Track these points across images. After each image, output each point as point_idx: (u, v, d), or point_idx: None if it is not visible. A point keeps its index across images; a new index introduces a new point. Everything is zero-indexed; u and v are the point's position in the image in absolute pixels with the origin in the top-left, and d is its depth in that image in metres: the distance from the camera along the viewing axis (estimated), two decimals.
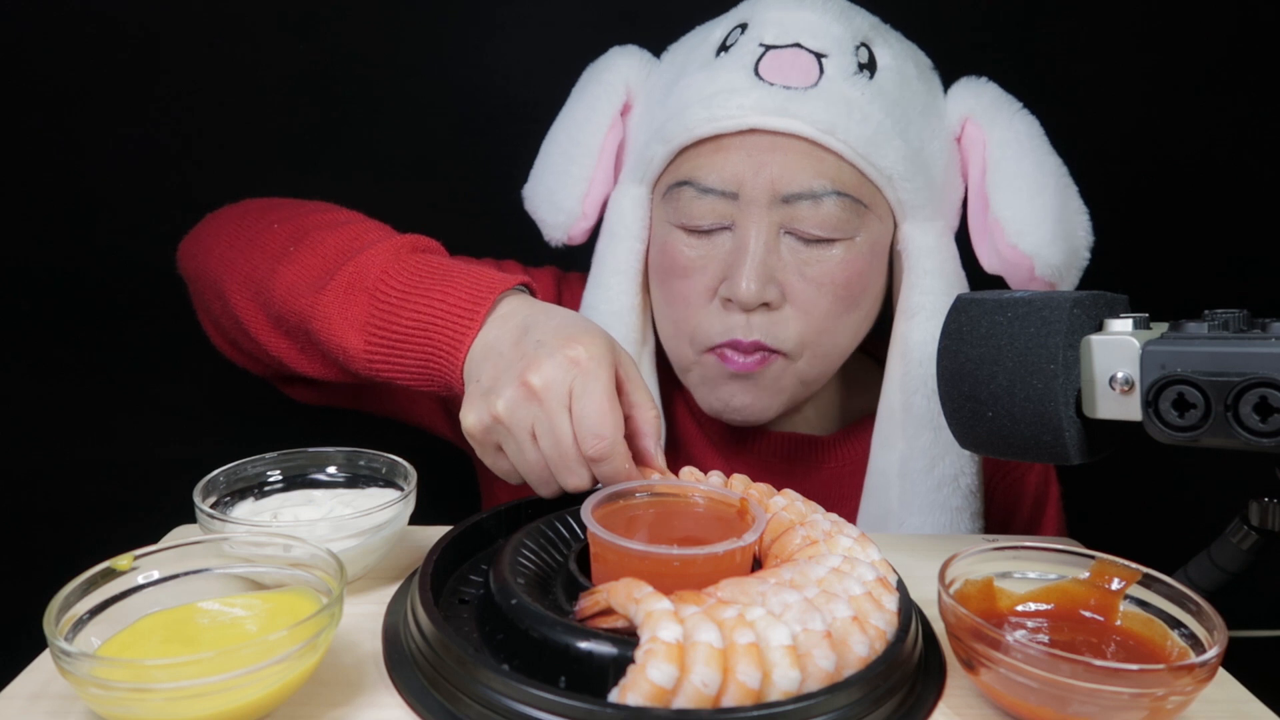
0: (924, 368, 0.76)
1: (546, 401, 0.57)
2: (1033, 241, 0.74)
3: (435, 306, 0.64)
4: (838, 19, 0.77)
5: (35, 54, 1.10)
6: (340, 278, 0.68)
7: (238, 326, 0.75)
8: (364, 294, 0.67)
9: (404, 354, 0.65)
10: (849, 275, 0.75)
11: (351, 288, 0.67)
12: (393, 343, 0.65)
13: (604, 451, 0.56)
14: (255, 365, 0.80)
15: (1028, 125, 0.78)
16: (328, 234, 0.72)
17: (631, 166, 0.81)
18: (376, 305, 0.66)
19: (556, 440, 0.57)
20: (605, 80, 0.83)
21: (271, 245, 0.73)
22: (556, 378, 0.57)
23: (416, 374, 0.66)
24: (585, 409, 0.56)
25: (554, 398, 0.57)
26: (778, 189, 0.73)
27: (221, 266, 0.75)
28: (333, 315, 0.67)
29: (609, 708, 0.41)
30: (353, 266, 0.68)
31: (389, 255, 0.68)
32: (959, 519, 0.78)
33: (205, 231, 0.80)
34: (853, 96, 0.74)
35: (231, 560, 0.52)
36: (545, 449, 0.57)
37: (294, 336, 0.72)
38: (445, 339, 0.64)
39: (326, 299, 0.68)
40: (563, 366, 0.57)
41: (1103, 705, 0.43)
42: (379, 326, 0.66)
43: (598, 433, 0.56)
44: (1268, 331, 0.54)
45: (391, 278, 0.67)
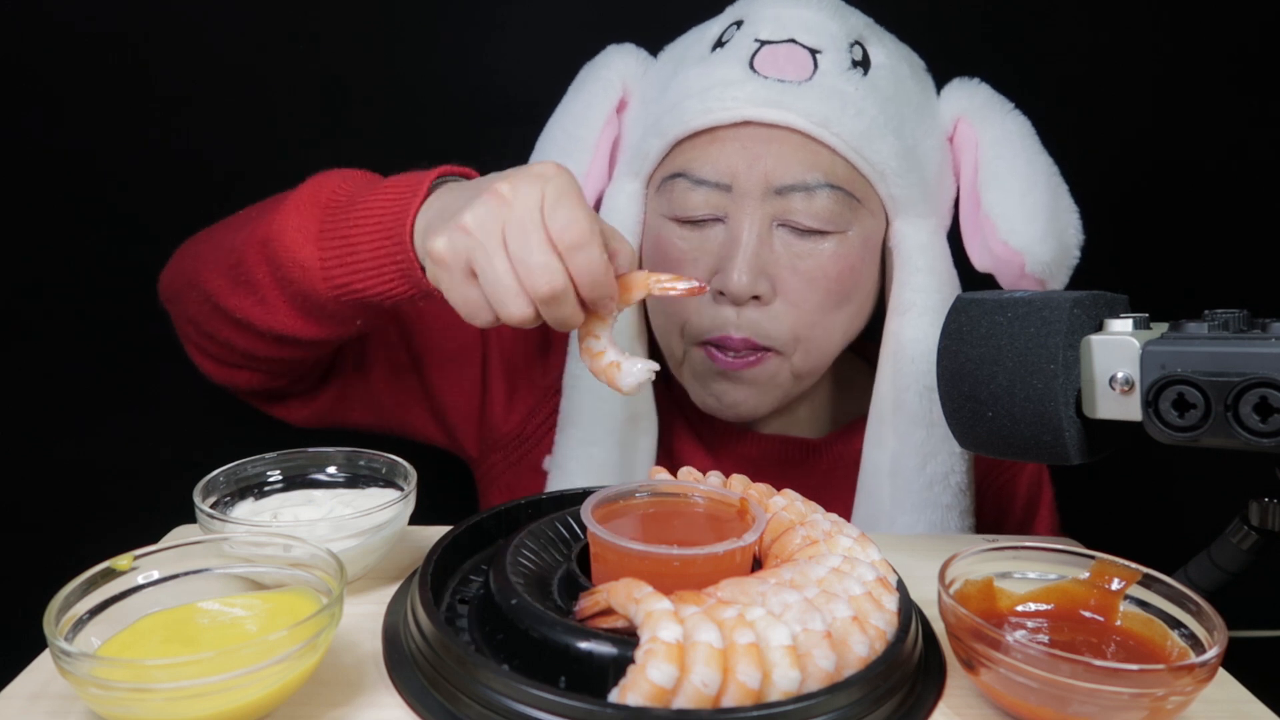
0: (916, 365, 0.76)
1: (516, 202, 0.55)
2: (1023, 238, 0.74)
3: (380, 197, 0.64)
4: (833, 16, 0.78)
5: (34, 55, 1.10)
6: (292, 199, 0.69)
7: (209, 306, 0.74)
8: (316, 207, 0.67)
9: (356, 250, 0.64)
10: (841, 270, 0.75)
11: (304, 204, 0.68)
12: (344, 240, 0.65)
13: (582, 236, 0.54)
14: (243, 375, 0.79)
15: (1019, 125, 0.79)
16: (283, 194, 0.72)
17: (627, 161, 0.82)
18: (328, 213, 0.66)
19: (528, 236, 0.54)
20: (602, 77, 0.84)
21: (236, 220, 0.75)
22: (528, 182, 0.55)
23: (372, 271, 0.64)
24: (558, 203, 0.54)
25: (525, 198, 0.55)
26: (771, 181, 0.73)
27: (193, 260, 0.76)
28: (287, 229, 0.67)
29: (609, 708, 0.41)
30: (306, 188, 0.69)
31: (339, 176, 0.69)
32: (949, 516, 0.78)
33: (181, 250, 0.81)
34: (847, 91, 0.74)
35: (231, 560, 0.52)
36: (515, 250, 0.54)
37: (253, 283, 0.70)
38: (391, 216, 0.63)
39: (280, 217, 0.68)
40: (534, 175, 0.56)
41: (1103, 705, 0.43)
42: (331, 231, 0.66)
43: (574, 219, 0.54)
44: (1268, 331, 0.54)
45: (342, 190, 0.67)
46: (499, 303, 0.55)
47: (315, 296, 0.67)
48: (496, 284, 0.55)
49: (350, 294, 0.66)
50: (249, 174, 1.11)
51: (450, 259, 0.56)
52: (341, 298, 0.66)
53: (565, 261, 0.54)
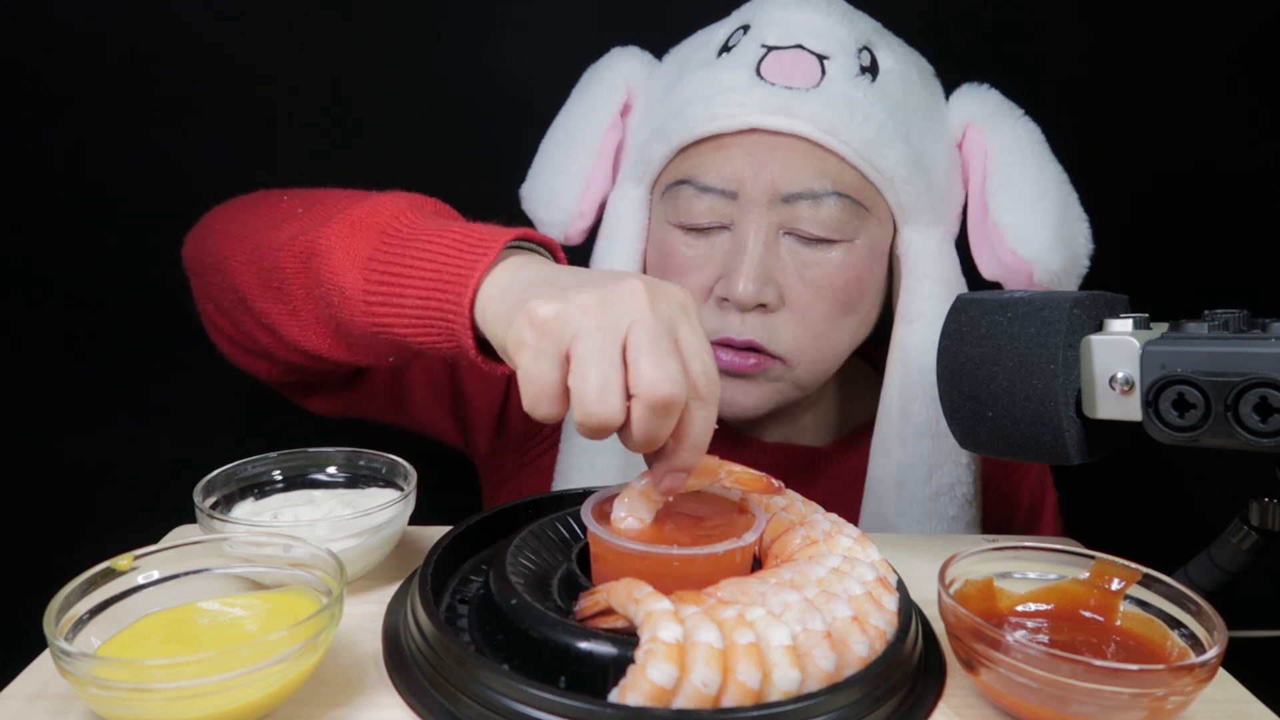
0: (923, 374, 0.76)
1: (656, 310, 0.47)
2: (1033, 247, 0.74)
3: (446, 238, 0.57)
4: (841, 21, 0.77)
5: (34, 56, 1.10)
6: (350, 214, 0.62)
7: (235, 297, 0.69)
8: (372, 231, 0.60)
9: (406, 290, 0.57)
10: (848, 278, 0.75)
11: (360, 224, 0.61)
12: (395, 278, 0.58)
13: (716, 391, 0.48)
14: (263, 365, 0.75)
15: (1029, 132, 0.78)
16: (342, 196, 0.66)
17: (631, 166, 0.81)
18: (384, 240, 0.59)
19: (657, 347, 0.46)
20: (606, 80, 0.83)
21: (278, 212, 0.68)
22: (674, 296, 0.49)
23: (417, 319, 0.57)
24: (697, 345, 0.48)
25: (666, 311, 0.48)
26: (778, 188, 0.73)
27: (223, 240, 0.71)
28: (335, 249, 0.61)
29: (609, 708, 0.41)
30: (366, 206, 0.62)
31: (406, 203, 0.63)
32: (955, 528, 0.78)
33: (212, 216, 0.76)
34: (855, 98, 0.73)
35: (231, 560, 0.52)
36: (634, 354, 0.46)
37: (287, 293, 0.65)
38: (454, 267, 0.55)
39: (331, 230, 0.61)
40: (678, 296, 0.50)
41: (1103, 705, 0.43)
42: (382, 262, 0.59)
43: (712, 373, 0.48)
44: (1268, 331, 0.54)
45: (404, 218, 0.61)
46: (587, 394, 0.46)
47: (351, 326, 0.61)
48: (594, 374, 0.46)
49: (389, 334, 0.59)
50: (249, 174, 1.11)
51: (555, 329, 0.47)
52: (380, 335, 0.60)
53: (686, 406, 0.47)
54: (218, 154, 1.13)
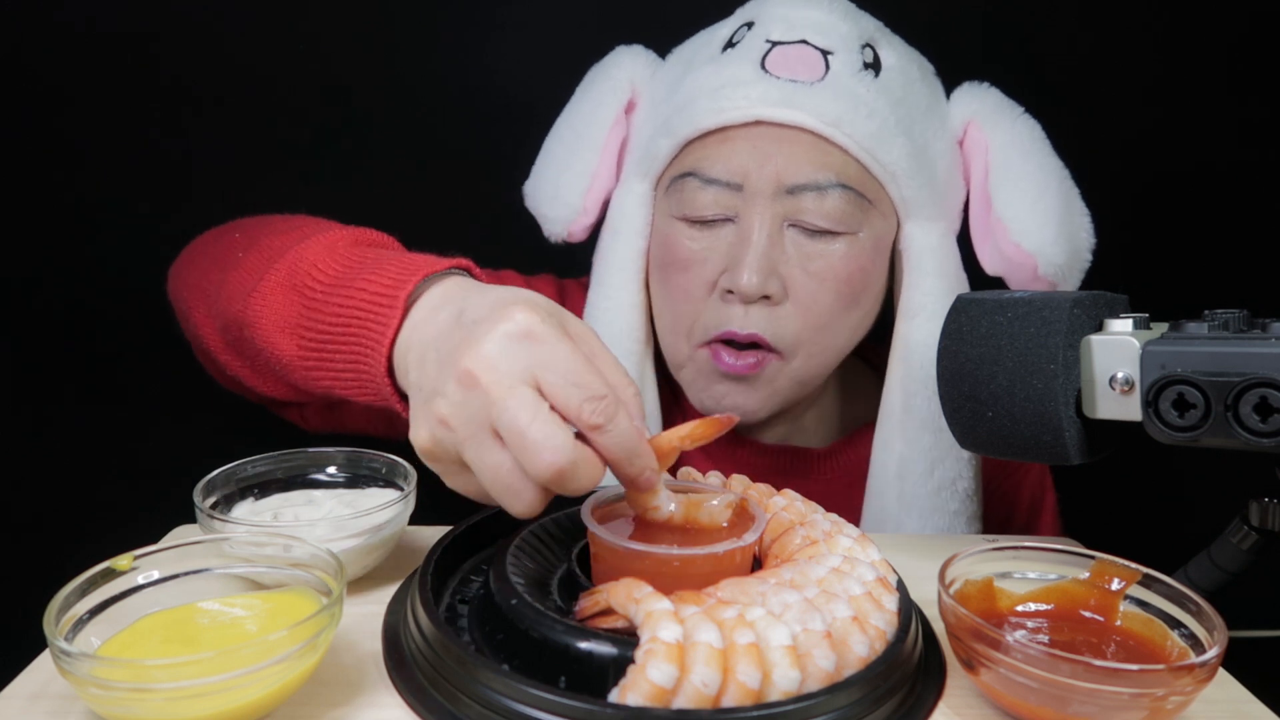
0: (925, 369, 0.76)
1: (497, 384, 0.45)
2: (1036, 241, 0.74)
3: (356, 298, 0.56)
4: (844, 18, 0.78)
5: (34, 58, 1.10)
6: (272, 276, 0.62)
7: (201, 348, 0.71)
8: (294, 292, 0.60)
9: (333, 356, 0.58)
10: (851, 271, 0.75)
11: (282, 286, 0.61)
12: (321, 343, 0.58)
13: (606, 411, 0.46)
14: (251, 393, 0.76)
15: (1030, 129, 0.79)
16: (275, 236, 0.66)
17: (635, 162, 0.81)
18: (305, 304, 0.59)
19: (515, 425, 0.44)
20: (611, 77, 0.84)
21: (226, 257, 0.69)
22: (503, 353, 0.46)
23: (350, 380, 0.58)
24: (559, 376, 0.46)
25: (506, 376, 0.45)
26: (782, 180, 0.73)
27: (188, 291, 0.72)
28: (264, 318, 0.61)
29: (609, 708, 0.41)
30: (285, 263, 0.62)
31: (323, 249, 0.62)
32: (956, 523, 0.78)
33: (183, 258, 0.77)
34: (859, 92, 0.74)
35: (231, 560, 0.52)
36: (511, 439, 0.45)
37: (242, 351, 0.66)
38: (366, 332, 0.55)
39: (257, 301, 0.62)
40: (508, 340, 0.46)
41: (1103, 705, 0.43)
42: (307, 328, 0.59)
43: (591, 393, 0.45)
44: (1268, 331, 0.54)
45: (320, 271, 0.60)
46: (503, 499, 0.47)
47: (301, 387, 0.62)
48: (497, 482, 0.46)
49: (334, 394, 0.60)
50: (249, 174, 1.12)
51: (438, 454, 0.48)
52: (328, 393, 0.61)
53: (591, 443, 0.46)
54: (218, 154, 1.13)
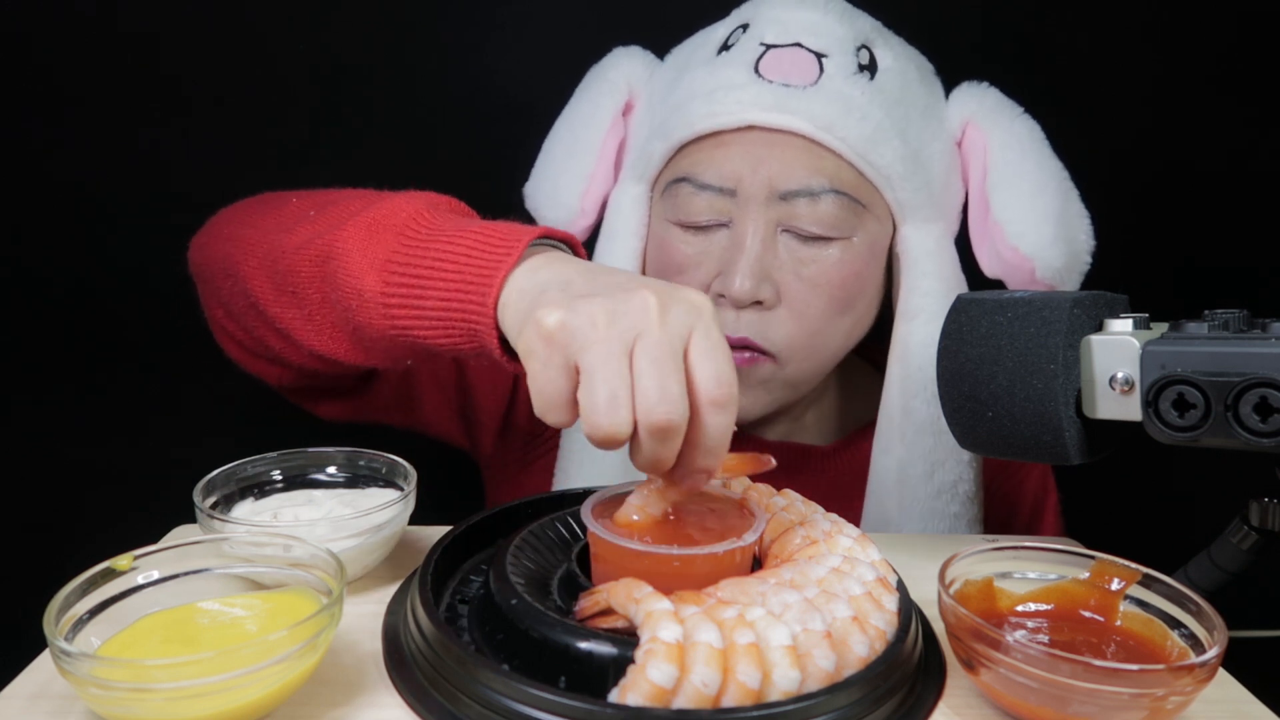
0: (924, 372, 0.76)
1: (665, 321, 0.46)
2: (1034, 243, 0.74)
3: (468, 238, 0.56)
4: (839, 20, 0.78)
5: (36, 55, 1.10)
6: (366, 215, 0.61)
7: (247, 303, 0.68)
8: (390, 233, 0.59)
9: (426, 292, 0.56)
10: (845, 276, 0.75)
11: (377, 226, 0.60)
12: (415, 279, 0.57)
13: (728, 397, 0.46)
14: (274, 371, 0.74)
15: (1029, 129, 0.78)
16: (356, 198, 0.65)
17: (632, 164, 0.82)
18: (403, 241, 0.58)
19: (662, 364, 0.45)
20: (609, 79, 0.84)
21: (288, 214, 0.67)
22: (680, 310, 0.47)
23: (438, 321, 0.56)
24: (709, 351, 0.47)
25: (674, 322, 0.46)
26: (775, 186, 0.73)
27: (233, 244, 0.70)
28: (352, 251, 0.59)
29: (609, 708, 0.41)
30: (382, 207, 0.61)
31: (424, 203, 0.61)
32: (957, 526, 0.78)
33: (219, 220, 0.75)
34: (852, 95, 0.74)
35: (231, 560, 0.52)
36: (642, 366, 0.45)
37: (302, 297, 0.63)
38: (477, 267, 0.54)
39: (348, 233, 0.60)
40: (688, 307, 0.48)
41: (1103, 705, 0.43)
42: (401, 264, 0.57)
43: (725, 377, 0.46)
44: (1268, 331, 0.54)
45: (423, 219, 0.59)
46: (595, 408, 0.45)
47: (369, 330, 0.59)
48: (602, 388, 0.45)
49: (409, 337, 0.58)
50: (250, 173, 1.11)
51: (562, 340, 0.47)
52: (398, 338, 0.58)
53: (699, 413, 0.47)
54: (218, 154, 1.13)
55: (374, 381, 0.80)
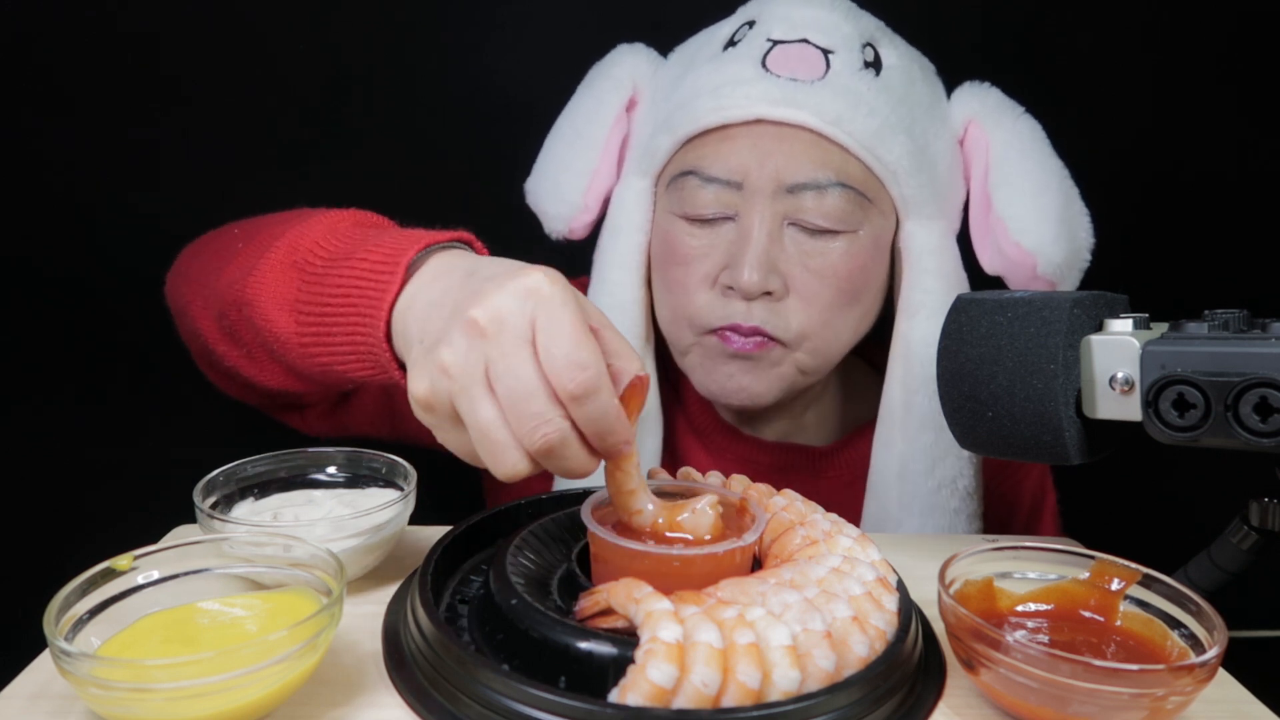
0: (925, 368, 0.76)
1: (500, 336, 0.46)
2: (1035, 239, 0.74)
3: (356, 268, 0.57)
4: (845, 17, 0.78)
5: (36, 55, 1.10)
6: (274, 252, 0.62)
7: (201, 344, 0.71)
8: (293, 270, 0.61)
9: (331, 329, 0.58)
10: (851, 269, 0.75)
11: (282, 264, 0.61)
12: (319, 318, 0.58)
13: (588, 384, 0.45)
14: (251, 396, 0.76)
15: (1030, 128, 0.79)
16: (275, 225, 0.66)
17: (636, 159, 0.82)
18: (304, 279, 0.60)
19: (517, 379, 0.45)
20: (612, 75, 0.84)
21: (226, 249, 0.69)
22: (511, 308, 0.46)
23: (348, 352, 0.58)
24: (554, 339, 0.46)
25: (511, 330, 0.46)
26: (782, 179, 0.73)
27: (186, 284, 0.72)
28: (264, 295, 0.61)
29: (609, 708, 0.41)
30: (284, 243, 0.62)
31: (324, 229, 0.62)
32: (957, 521, 0.78)
33: (180, 259, 0.77)
34: (859, 91, 0.74)
35: (231, 560, 0.52)
36: (504, 395, 0.46)
37: (238, 338, 0.66)
38: (366, 300, 0.55)
39: (259, 276, 0.62)
40: (517, 296, 0.47)
41: (1103, 705, 0.43)
42: (306, 303, 0.59)
43: (577, 361, 0.45)
44: (1268, 331, 0.54)
45: (321, 249, 0.60)
46: (489, 458, 0.47)
47: (298, 367, 0.62)
48: (485, 438, 0.47)
49: (332, 372, 0.60)
50: (250, 173, 1.11)
51: (434, 404, 0.48)
52: (326, 372, 0.61)
53: (568, 410, 0.46)
54: (218, 154, 1.13)
55: (354, 399, 0.80)
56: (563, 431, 0.46)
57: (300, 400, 0.76)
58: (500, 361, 0.46)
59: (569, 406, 0.46)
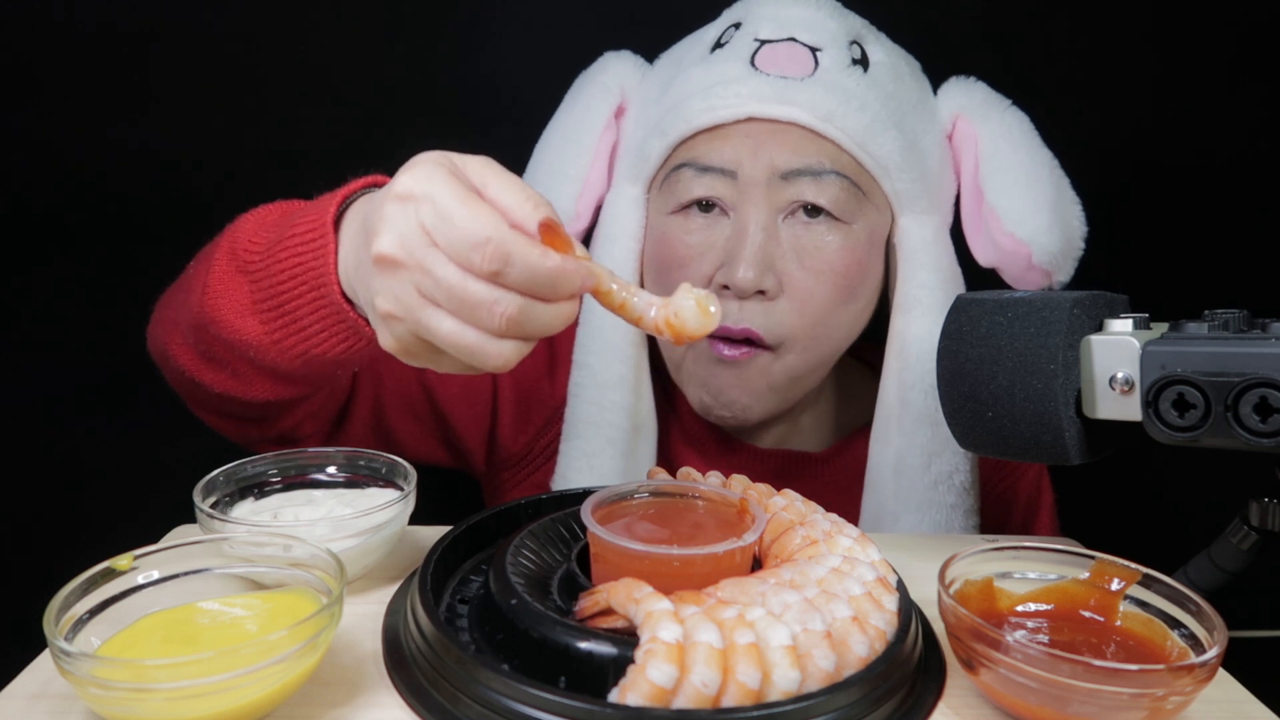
0: (921, 363, 0.76)
1: (409, 255, 0.46)
2: (1030, 229, 0.74)
3: (289, 248, 0.57)
4: (831, 15, 0.79)
5: (31, 54, 1.10)
6: (215, 268, 0.62)
7: (189, 381, 0.70)
8: (238, 274, 0.61)
9: (295, 314, 0.58)
10: (847, 264, 0.75)
11: (227, 273, 0.62)
12: (279, 307, 0.58)
13: (495, 255, 0.44)
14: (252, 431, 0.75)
15: (1019, 120, 0.79)
16: (212, 240, 0.67)
17: (627, 166, 0.81)
18: (250, 279, 0.60)
19: (445, 284, 0.45)
20: (599, 82, 0.84)
21: (181, 282, 0.70)
22: (399, 224, 0.46)
23: (319, 330, 0.58)
24: (448, 229, 0.45)
25: (411, 245, 0.46)
26: (777, 165, 0.73)
27: (162, 328, 0.72)
28: (221, 309, 0.61)
29: (609, 708, 0.41)
30: (221, 252, 0.63)
31: (251, 225, 0.62)
32: (953, 516, 0.78)
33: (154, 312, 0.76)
34: (849, 86, 0.74)
35: (231, 560, 0.52)
36: (447, 304, 0.46)
37: (220, 360, 0.66)
38: (312, 274, 0.56)
39: (210, 296, 0.62)
40: (397, 210, 0.46)
41: (1103, 705, 0.43)
42: (262, 300, 0.59)
43: (472, 242, 0.44)
44: (1268, 331, 0.54)
45: (253, 243, 0.61)
46: (478, 362, 0.47)
47: (282, 366, 0.62)
48: (459, 347, 0.46)
49: (314, 358, 0.60)
50: (246, 175, 1.11)
51: (407, 349, 0.49)
52: (308, 363, 0.60)
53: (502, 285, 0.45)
54: (218, 155, 1.13)
55: (347, 424, 0.80)
56: (515, 302, 0.45)
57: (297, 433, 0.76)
58: (423, 277, 0.46)
59: (498, 281, 0.45)
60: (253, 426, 0.74)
